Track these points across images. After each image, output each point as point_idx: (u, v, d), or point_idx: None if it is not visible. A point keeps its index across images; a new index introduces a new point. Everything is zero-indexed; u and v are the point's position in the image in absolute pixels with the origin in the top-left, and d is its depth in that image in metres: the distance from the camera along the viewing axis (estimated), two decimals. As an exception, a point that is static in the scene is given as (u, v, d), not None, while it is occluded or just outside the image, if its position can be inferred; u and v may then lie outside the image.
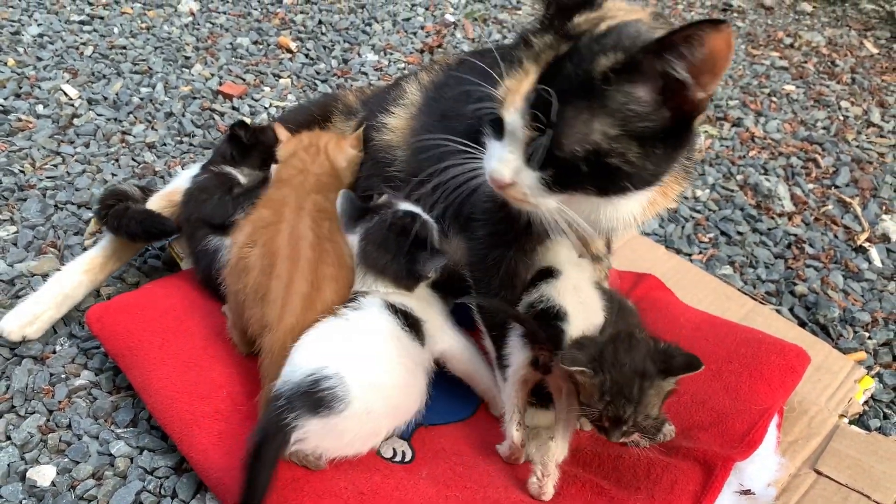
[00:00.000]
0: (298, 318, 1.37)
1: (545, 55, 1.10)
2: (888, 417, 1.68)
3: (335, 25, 2.97)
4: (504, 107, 1.11)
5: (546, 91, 1.06)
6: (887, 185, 2.36)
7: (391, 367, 1.34)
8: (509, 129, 1.12)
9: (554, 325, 1.31)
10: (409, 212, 1.48)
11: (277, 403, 1.23)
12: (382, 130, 1.67)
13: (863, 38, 3.19)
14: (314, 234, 1.46)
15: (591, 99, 1.05)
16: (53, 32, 2.76)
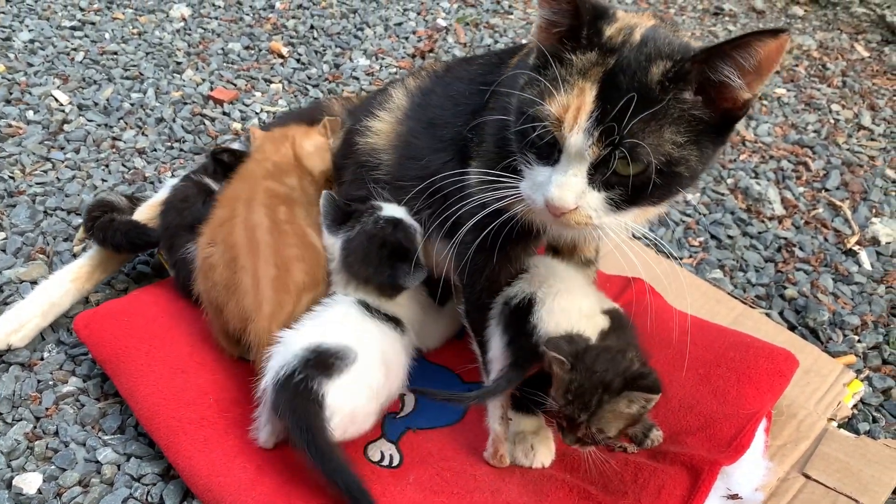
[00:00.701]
0: (274, 302, 1.39)
1: (593, 71, 1.07)
2: (877, 421, 1.68)
3: (327, 30, 2.97)
4: (564, 128, 1.07)
5: (610, 107, 1.04)
6: (877, 189, 2.36)
7: (376, 333, 1.42)
8: (574, 151, 1.07)
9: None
10: (392, 218, 1.48)
11: (295, 382, 1.26)
12: (367, 134, 1.67)
13: (854, 42, 3.20)
14: (269, 219, 1.47)
15: (655, 109, 1.04)
16: (45, 38, 2.76)
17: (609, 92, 1.05)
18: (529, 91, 1.11)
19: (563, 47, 1.10)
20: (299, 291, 1.43)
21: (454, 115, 1.49)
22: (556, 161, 1.10)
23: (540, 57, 1.14)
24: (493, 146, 1.33)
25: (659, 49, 1.08)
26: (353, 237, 1.50)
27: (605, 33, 1.09)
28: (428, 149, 1.53)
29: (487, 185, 1.33)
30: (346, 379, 1.31)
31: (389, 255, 1.46)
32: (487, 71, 1.48)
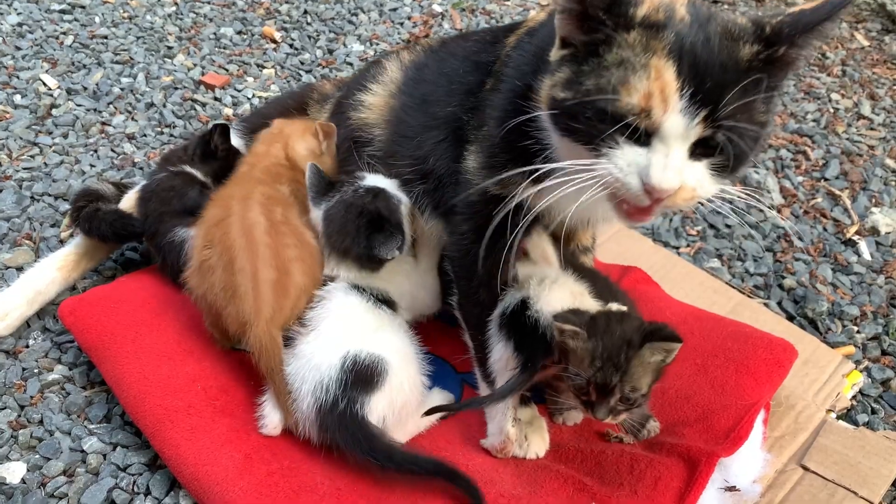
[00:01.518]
0: (274, 306, 1.36)
1: (657, 48, 1.02)
2: (876, 412, 1.65)
3: (321, 15, 2.93)
4: (653, 115, 1.02)
5: (700, 84, 1.01)
6: (877, 178, 2.34)
7: (387, 325, 1.43)
8: (672, 133, 1.03)
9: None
10: (373, 188, 1.45)
11: (340, 411, 1.28)
12: (360, 108, 1.63)
13: (854, 31, 3.17)
14: (266, 219, 1.43)
15: (746, 84, 1.02)
16: (33, 21, 2.71)
17: (690, 69, 1.01)
18: (581, 87, 1.06)
19: (597, 33, 1.06)
20: (298, 294, 1.41)
21: (447, 94, 1.46)
22: (647, 142, 1.05)
23: (572, 48, 1.09)
24: (496, 129, 1.30)
25: (734, 28, 1.06)
26: (332, 206, 1.46)
27: (639, 11, 1.05)
28: (420, 126, 1.49)
29: (490, 171, 1.30)
30: (385, 390, 1.32)
31: (367, 224, 1.43)
32: (481, 49, 1.45)
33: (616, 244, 1.96)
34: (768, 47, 1.05)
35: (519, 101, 1.24)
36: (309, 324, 1.40)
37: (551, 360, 1.29)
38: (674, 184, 1.04)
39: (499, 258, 1.33)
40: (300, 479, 1.27)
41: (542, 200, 1.26)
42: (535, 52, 1.29)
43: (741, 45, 1.04)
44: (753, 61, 1.04)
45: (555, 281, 1.37)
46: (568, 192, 1.18)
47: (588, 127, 1.06)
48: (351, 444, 1.27)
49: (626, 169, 1.06)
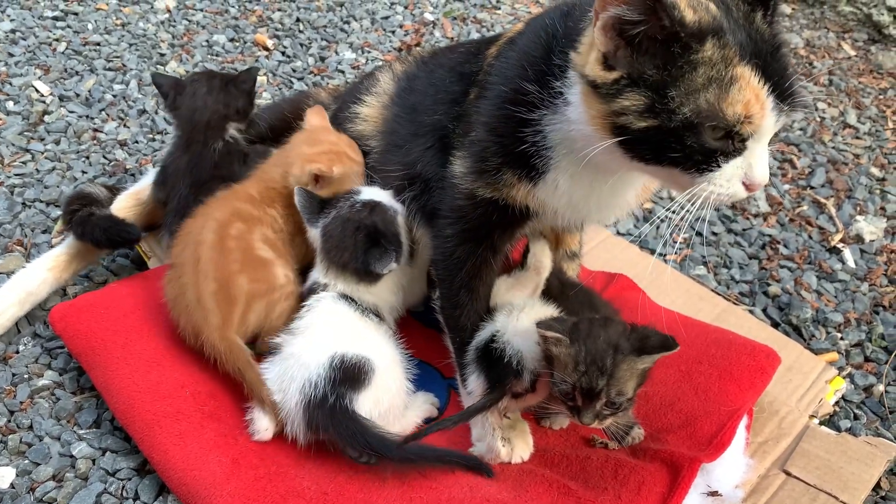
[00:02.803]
0: (220, 314, 1.41)
1: (730, 54, 1.03)
2: (858, 418, 1.68)
3: (313, 23, 2.95)
4: (754, 120, 1.04)
5: (772, 76, 1.04)
6: (862, 187, 2.36)
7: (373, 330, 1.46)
8: (768, 130, 1.07)
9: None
10: (369, 201, 1.47)
11: (330, 405, 1.30)
12: (355, 121, 1.66)
13: (840, 41, 3.20)
14: (216, 235, 1.47)
15: (783, 49, 1.07)
16: (26, 28, 2.72)
17: (758, 64, 1.04)
18: (675, 115, 1.04)
19: (673, 56, 1.04)
20: (249, 299, 1.44)
21: (434, 102, 1.49)
22: (742, 149, 1.07)
23: (645, 75, 1.06)
24: (486, 134, 1.32)
25: (740, 3, 1.09)
26: (330, 222, 1.49)
27: (687, 18, 1.03)
28: (409, 134, 1.52)
29: (479, 174, 1.32)
30: (372, 389, 1.35)
31: (365, 239, 1.45)
32: (465, 59, 1.48)
33: (604, 251, 1.98)
34: (762, 6, 1.09)
35: (508, 105, 1.26)
36: (297, 329, 1.43)
37: (522, 386, 1.31)
38: (768, 174, 1.10)
39: (480, 260, 1.36)
40: (287, 483, 1.28)
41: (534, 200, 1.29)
42: (517, 58, 1.32)
43: (758, 18, 1.08)
44: (768, 28, 1.08)
45: (522, 310, 1.39)
46: (563, 188, 1.23)
47: (686, 154, 1.06)
48: (345, 437, 1.29)
49: (728, 183, 1.09)
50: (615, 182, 1.28)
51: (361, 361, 1.35)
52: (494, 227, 1.35)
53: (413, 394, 1.47)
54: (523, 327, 1.34)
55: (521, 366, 1.30)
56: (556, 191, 1.29)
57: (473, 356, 1.39)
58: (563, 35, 1.24)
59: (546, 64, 1.22)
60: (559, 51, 1.22)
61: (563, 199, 1.30)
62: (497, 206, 1.32)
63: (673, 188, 1.15)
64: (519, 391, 1.32)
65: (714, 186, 1.08)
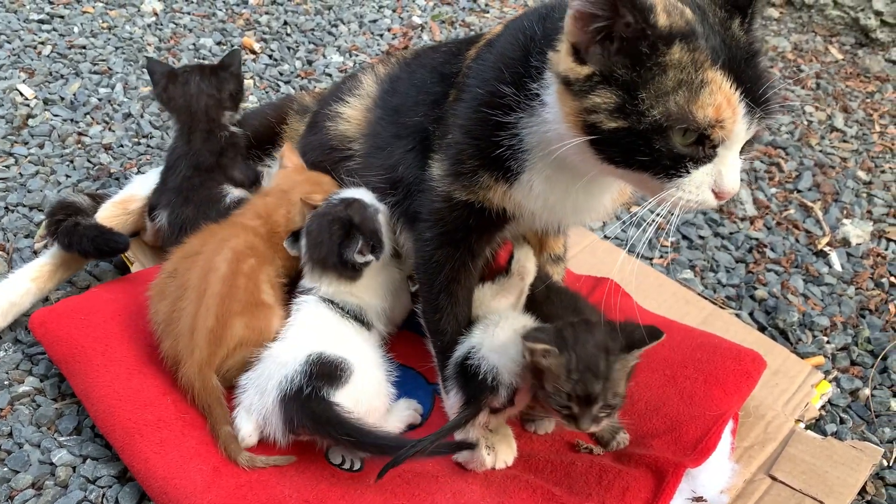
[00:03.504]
0: (206, 351, 1.37)
1: (701, 58, 1.02)
2: (844, 422, 1.67)
3: (300, 26, 2.94)
4: (726, 125, 1.03)
5: (744, 82, 1.03)
6: (849, 190, 2.37)
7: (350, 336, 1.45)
8: (739, 137, 1.05)
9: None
10: (346, 198, 1.47)
11: (305, 394, 1.29)
12: (337, 120, 1.65)
13: (828, 44, 3.21)
14: (229, 268, 1.43)
15: (759, 57, 1.08)
16: (11, 31, 2.70)
17: (731, 70, 1.03)
18: (645, 117, 1.03)
19: (642, 56, 1.04)
20: (236, 345, 1.40)
21: (416, 103, 1.48)
22: (712, 156, 1.06)
23: (615, 73, 1.05)
24: (463, 136, 1.31)
25: (717, 9, 1.09)
26: (310, 221, 1.49)
27: (661, 21, 1.03)
28: (391, 136, 1.52)
29: (456, 177, 1.32)
30: (349, 388, 1.33)
31: (340, 230, 1.45)
32: (446, 60, 1.47)
33: (590, 255, 1.97)
34: (740, 13, 1.09)
35: (484, 108, 1.26)
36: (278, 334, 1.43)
37: (498, 401, 1.30)
38: (739, 183, 1.09)
39: (458, 264, 1.35)
40: (268, 491, 1.27)
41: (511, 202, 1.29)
42: (494, 60, 1.31)
43: (734, 26, 1.08)
44: (745, 35, 1.08)
45: (497, 324, 1.38)
46: (538, 190, 1.23)
47: (657, 158, 1.05)
48: (321, 428, 1.28)
49: (698, 190, 1.08)
50: (591, 185, 1.27)
51: (339, 360, 1.34)
52: (472, 230, 1.34)
53: (396, 400, 1.46)
54: (499, 342, 1.33)
55: (496, 382, 1.29)
56: (532, 193, 1.28)
57: (452, 371, 1.37)
58: (541, 37, 1.23)
59: (523, 66, 1.22)
60: (537, 52, 1.21)
61: (540, 202, 1.30)
62: (474, 209, 1.31)
63: (644, 192, 1.15)
64: (496, 406, 1.31)
65: (683, 193, 1.07)
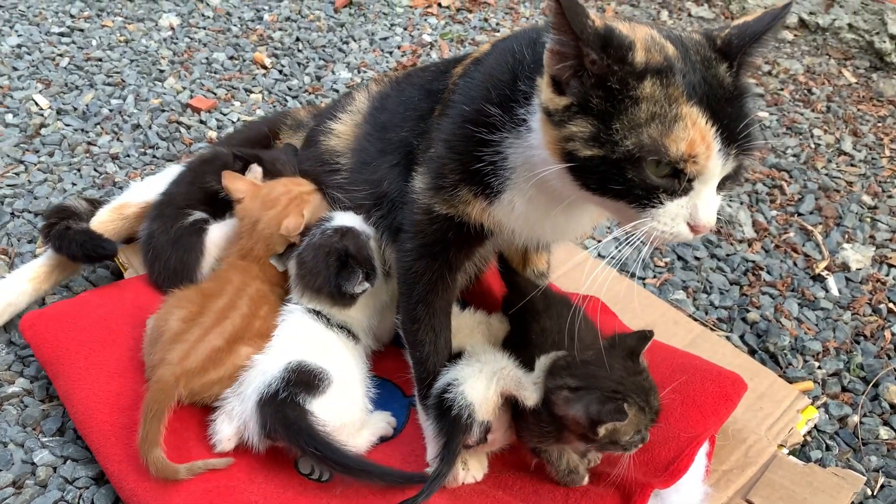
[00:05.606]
0: (199, 366, 1.38)
1: (676, 94, 1.04)
2: (830, 449, 1.65)
3: (312, 43, 2.99)
4: (699, 160, 1.03)
5: (722, 120, 1.04)
6: (852, 214, 2.34)
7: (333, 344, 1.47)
8: (714, 173, 1.06)
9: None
10: (340, 228, 1.49)
11: (280, 398, 1.31)
12: (329, 135, 1.69)
13: (842, 67, 3.18)
14: (249, 309, 1.48)
15: (743, 100, 1.08)
16: (32, 43, 2.79)
17: (708, 107, 1.04)
18: (618, 147, 1.04)
19: (625, 85, 1.05)
20: (231, 371, 1.41)
21: (403, 119, 1.51)
22: (689, 189, 1.07)
23: (591, 104, 1.06)
24: (445, 150, 1.33)
25: (703, 50, 1.10)
26: (303, 250, 1.51)
27: (637, 56, 1.05)
28: (378, 151, 1.54)
29: (437, 191, 1.33)
30: (327, 399, 1.35)
31: (337, 262, 1.47)
32: (434, 78, 1.49)
33: (580, 273, 1.97)
34: (727, 60, 1.10)
35: (468, 125, 1.27)
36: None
37: (472, 439, 1.30)
38: (715, 218, 1.10)
39: (436, 276, 1.36)
40: (236, 497, 1.29)
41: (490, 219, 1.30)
42: (482, 79, 1.32)
43: (718, 68, 1.09)
44: (731, 78, 1.09)
45: (478, 359, 1.38)
46: (520, 209, 1.25)
47: (630, 187, 1.06)
48: (290, 436, 1.29)
49: (672, 222, 1.09)
50: (571, 207, 1.28)
51: (318, 370, 1.36)
52: (451, 243, 1.36)
53: (370, 413, 1.47)
54: (477, 381, 1.32)
55: (471, 419, 1.29)
56: (513, 212, 1.30)
57: (432, 401, 1.38)
58: (530, 62, 1.24)
59: (511, 89, 1.23)
60: (525, 77, 1.22)
61: (520, 220, 1.31)
62: (453, 222, 1.33)
63: (621, 220, 1.15)
64: (469, 444, 1.31)
65: (657, 223, 1.08)
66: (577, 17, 1.00)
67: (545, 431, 1.29)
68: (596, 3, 3.57)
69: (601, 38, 1.02)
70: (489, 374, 1.34)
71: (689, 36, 1.13)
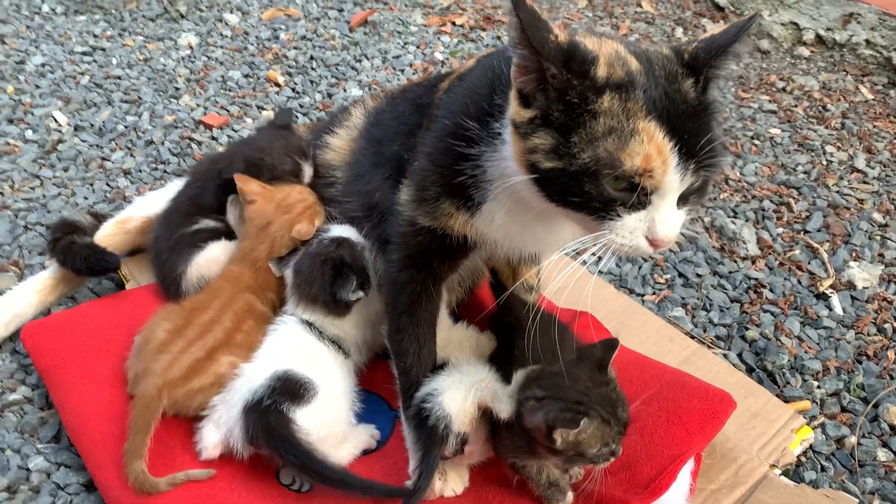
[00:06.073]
0: (182, 375, 1.42)
1: (635, 109, 1.04)
2: (825, 470, 1.62)
3: (326, 61, 3.04)
4: (655, 175, 1.04)
5: (681, 135, 1.05)
6: (861, 232, 2.30)
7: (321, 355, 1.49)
8: (671, 188, 1.06)
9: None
10: (336, 238, 1.52)
11: (264, 406, 1.33)
12: (325, 149, 1.73)
13: (859, 84, 3.14)
14: (232, 324, 1.51)
15: (706, 117, 1.09)
16: (55, 62, 2.88)
17: (668, 122, 1.05)
18: (576, 160, 1.05)
19: (585, 99, 1.05)
20: (214, 381, 1.44)
21: (395, 134, 1.53)
22: (647, 203, 1.08)
23: (552, 117, 1.07)
24: (428, 164, 1.35)
25: (669, 65, 1.11)
26: (300, 259, 1.55)
27: (599, 72, 1.06)
28: (371, 165, 1.57)
29: (420, 203, 1.35)
30: (312, 409, 1.37)
31: (332, 271, 1.50)
32: (424, 93, 1.52)
33: (577, 288, 1.95)
34: (694, 74, 1.10)
35: (449, 139, 1.29)
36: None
37: (448, 450, 1.30)
38: (676, 232, 1.11)
39: (420, 287, 1.38)
40: (218, 505, 1.31)
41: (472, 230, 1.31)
42: (462, 94, 1.35)
43: (683, 83, 1.10)
44: (695, 93, 1.09)
45: (459, 370, 1.39)
46: (500, 221, 1.26)
47: (586, 199, 1.07)
48: (272, 444, 1.31)
49: (631, 235, 1.10)
50: (549, 218, 1.29)
51: (305, 380, 1.39)
52: (434, 255, 1.37)
53: (355, 426, 1.48)
54: (455, 392, 1.34)
55: (447, 430, 1.29)
56: (493, 223, 1.31)
57: (413, 411, 1.39)
58: (507, 76, 1.26)
59: (489, 103, 1.25)
60: (501, 91, 1.25)
61: (500, 232, 1.32)
62: (436, 234, 1.34)
63: (584, 231, 1.16)
64: (446, 455, 1.32)
65: (615, 236, 1.09)
66: (538, 32, 1.02)
67: (518, 445, 1.29)
68: (610, 22, 3.58)
69: (564, 53, 1.03)
70: (468, 386, 1.35)
71: (657, 51, 1.13)
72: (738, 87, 3.10)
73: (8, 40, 2.99)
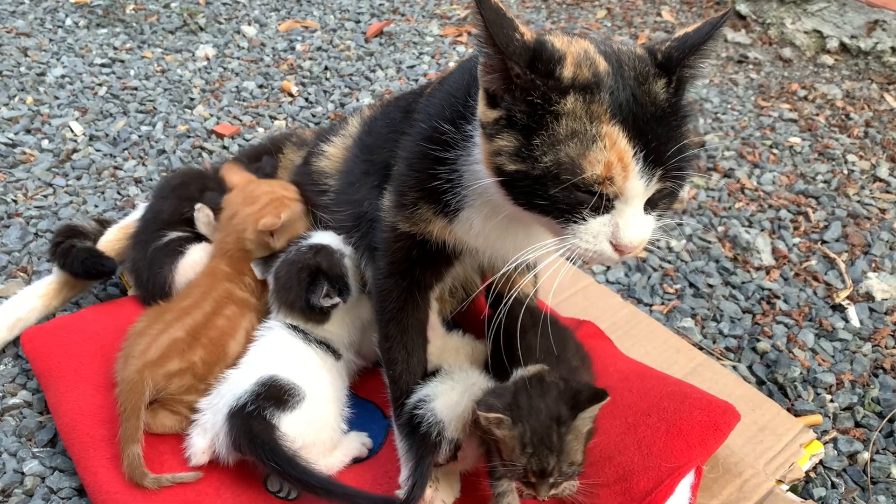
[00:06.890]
0: (160, 354, 1.42)
1: (599, 112, 1.02)
2: (836, 486, 1.56)
3: (340, 71, 3.05)
4: (616, 181, 1.02)
5: (647, 140, 1.02)
6: (882, 242, 2.23)
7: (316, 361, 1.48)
8: (634, 193, 1.04)
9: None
10: (314, 245, 1.51)
11: (248, 411, 1.32)
12: (320, 157, 1.72)
13: (884, 92, 3.06)
14: (212, 309, 1.52)
15: (675, 120, 1.06)
16: (75, 74, 2.93)
17: (633, 126, 1.02)
18: (538, 163, 1.02)
19: (549, 101, 1.03)
20: (188, 366, 1.44)
21: (385, 141, 1.52)
22: (610, 208, 1.05)
23: (515, 118, 1.05)
24: (406, 169, 1.34)
25: (640, 66, 1.08)
26: (279, 265, 1.54)
27: (565, 72, 1.03)
28: (361, 173, 1.56)
29: (399, 209, 1.34)
30: (297, 415, 1.36)
31: (308, 278, 1.48)
32: (413, 99, 1.51)
33: (583, 298, 1.93)
34: (667, 75, 1.07)
35: (424, 143, 1.28)
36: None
37: (442, 457, 1.29)
38: (643, 238, 1.07)
39: (406, 294, 1.36)
40: (205, 511, 1.30)
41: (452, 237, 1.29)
42: (440, 98, 1.33)
43: (654, 84, 1.06)
44: (666, 95, 1.06)
45: (451, 376, 1.37)
46: (478, 227, 1.24)
47: (551, 202, 1.05)
48: (254, 450, 1.29)
49: (594, 240, 1.07)
50: (526, 224, 1.26)
51: (290, 386, 1.37)
52: (416, 262, 1.35)
53: (346, 433, 1.46)
54: (448, 397, 1.32)
55: (440, 437, 1.28)
56: (472, 230, 1.29)
57: (405, 419, 1.37)
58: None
59: (463, 105, 1.23)
60: (475, 93, 1.23)
61: (480, 238, 1.30)
62: (416, 240, 1.33)
63: (551, 235, 1.14)
64: (439, 462, 1.30)
65: (579, 240, 1.06)
66: (502, 30, 1.00)
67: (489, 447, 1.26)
68: (630, 31, 3.54)
69: (528, 52, 1.01)
70: (460, 391, 1.32)
71: (629, 51, 1.10)
72: (757, 96, 3.04)
73: (31, 53, 3.04)
